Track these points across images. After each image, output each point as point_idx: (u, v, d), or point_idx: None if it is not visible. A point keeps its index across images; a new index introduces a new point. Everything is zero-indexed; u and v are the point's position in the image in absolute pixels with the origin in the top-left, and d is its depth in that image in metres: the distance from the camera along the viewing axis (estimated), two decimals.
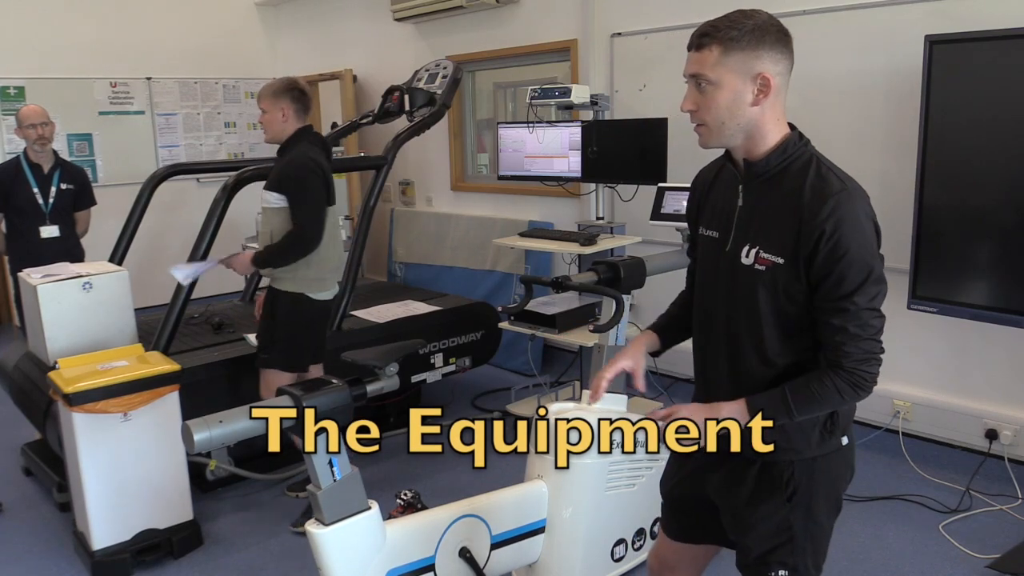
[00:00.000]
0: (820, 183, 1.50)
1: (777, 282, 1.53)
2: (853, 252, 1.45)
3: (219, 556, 3.11)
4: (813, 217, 1.46)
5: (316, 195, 3.10)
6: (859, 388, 1.50)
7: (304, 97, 3.19)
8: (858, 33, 3.64)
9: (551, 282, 3.07)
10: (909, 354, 3.70)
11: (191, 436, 1.75)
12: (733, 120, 1.52)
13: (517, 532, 2.40)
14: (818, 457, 1.61)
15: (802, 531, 1.63)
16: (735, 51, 1.48)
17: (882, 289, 1.48)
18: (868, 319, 1.47)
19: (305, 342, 3.25)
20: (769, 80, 1.50)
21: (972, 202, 3.11)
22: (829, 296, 1.48)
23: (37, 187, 4.33)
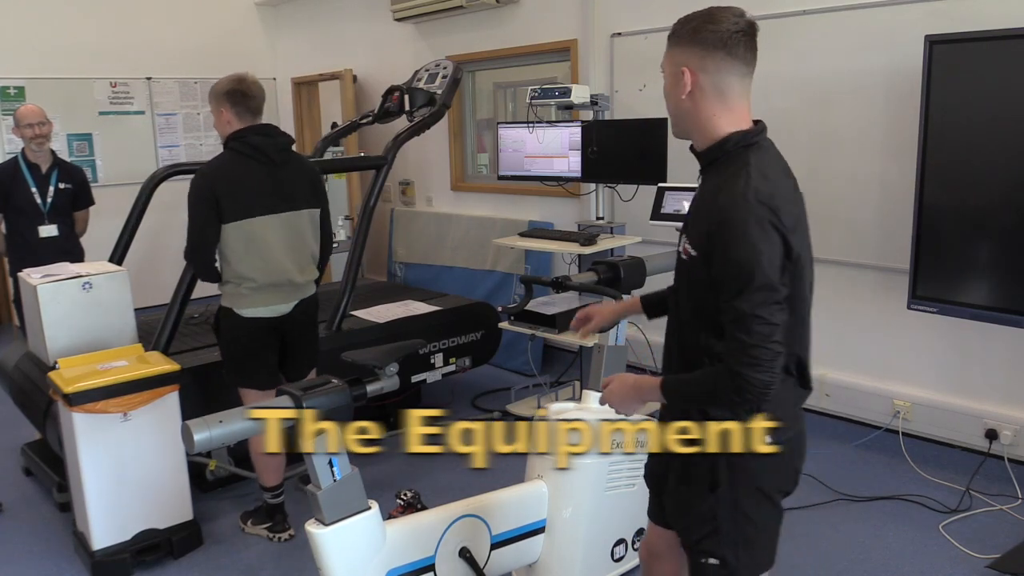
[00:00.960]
0: (728, 185, 1.52)
1: (693, 273, 1.60)
2: (736, 257, 1.47)
3: (219, 556, 3.11)
4: (710, 217, 1.53)
5: (194, 210, 2.90)
6: (742, 391, 1.48)
7: (246, 99, 2.95)
8: (858, 33, 3.64)
9: (551, 282, 3.07)
10: (909, 354, 3.70)
11: (191, 436, 1.75)
12: (673, 109, 1.66)
13: (517, 532, 2.40)
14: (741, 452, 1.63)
15: (728, 523, 1.65)
16: (671, 46, 1.63)
17: (770, 297, 1.47)
18: (752, 325, 1.46)
19: (240, 359, 3.04)
20: (685, 74, 1.59)
21: (972, 202, 3.11)
22: (721, 296, 1.51)
23: (35, 187, 4.33)
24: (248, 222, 2.90)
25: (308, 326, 3.17)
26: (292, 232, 3.01)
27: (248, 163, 2.93)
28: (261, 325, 3.00)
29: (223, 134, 3.00)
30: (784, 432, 1.64)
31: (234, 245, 2.91)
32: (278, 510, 3.20)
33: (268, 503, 3.19)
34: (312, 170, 3.15)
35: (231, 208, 2.88)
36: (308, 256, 3.10)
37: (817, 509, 3.30)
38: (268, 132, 2.99)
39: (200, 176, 2.92)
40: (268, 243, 2.94)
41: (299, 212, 3.03)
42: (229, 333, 3.04)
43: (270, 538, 3.17)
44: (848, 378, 3.90)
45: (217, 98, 2.97)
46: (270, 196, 2.95)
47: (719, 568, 1.68)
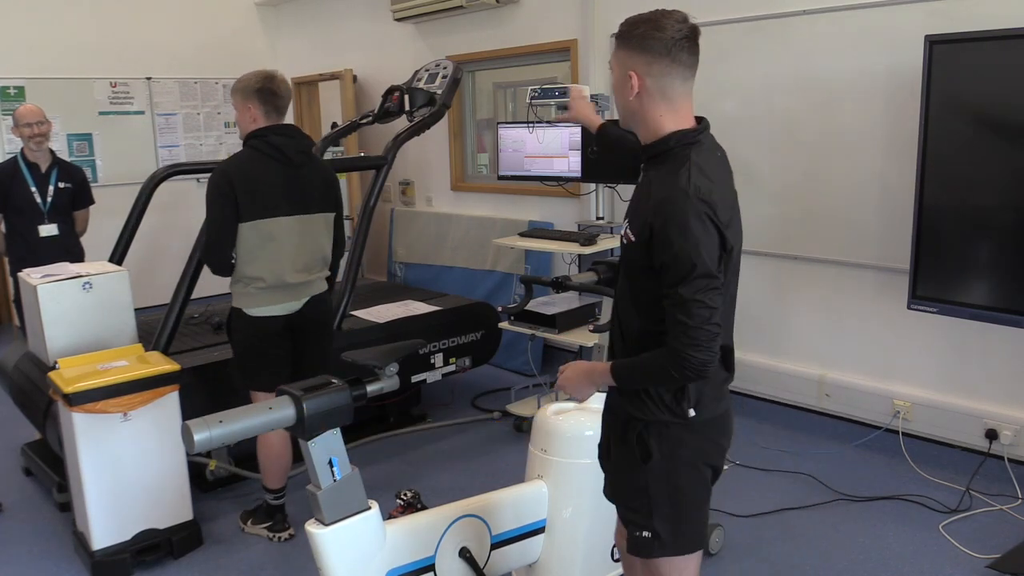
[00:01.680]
0: (670, 181, 1.63)
1: (632, 257, 1.71)
2: (676, 248, 1.58)
3: (219, 556, 3.11)
4: (650, 211, 1.63)
5: (211, 208, 2.89)
6: (685, 368, 1.60)
7: (275, 98, 2.95)
8: (858, 33, 3.64)
9: (551, 282, 3.07)
10: (909, 354, 3.70)
11: (191, 436, 1.75)
12: (620, 106, 1.74)
13: (517, 532, 2.41)
14: (670, 424, 1.74)
15: (659, 495, 1.75)
16: (619, 47, 1.71)
17: (709, 283, 1.59)
18: (693, 308, 1.58)
19: (250, 360, 3.04)
20: (633, 78, 1.67)
21: (972, 202, 3.11)
22: (663, 283, 1.62)
23: (35, 186, 4.34)
24: (264, 222, 2.89)
25: (320, 323, 3.14)
26: (305, 235, 2.99)
27: (267, 163, 2.91)
28: (272, 324, 2.99)
29: (245, 131, 2.97)
30: (709, 408, 1.75)
31: (248, 244, 2.90)
32: (278, 510, 3.19)
33: (269, 504, 3.19)
34: (330, 174, 3.13)
35: (249, 207, 2.86)
36: (319, 258, 3.09)
37: (817, 509, 3.30)
38: (289, 133, 2.98)
39: (220, 173, 2.89)
40: (281, 245, 2.93)
41: (313, 216, 3.01)
42: (239, 334, 3.03)
43: (270, 538, 3.16)
44: (848, 378, 3.90)
45: (245, 94, 2.94)
46: (286, 198, 2.93)
47: (651, 540, 1.78)
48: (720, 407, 1.80)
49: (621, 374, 1.74)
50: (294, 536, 3.17)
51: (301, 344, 3.10)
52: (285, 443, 3.12)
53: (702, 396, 1.74)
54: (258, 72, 3.00)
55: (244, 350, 3.05)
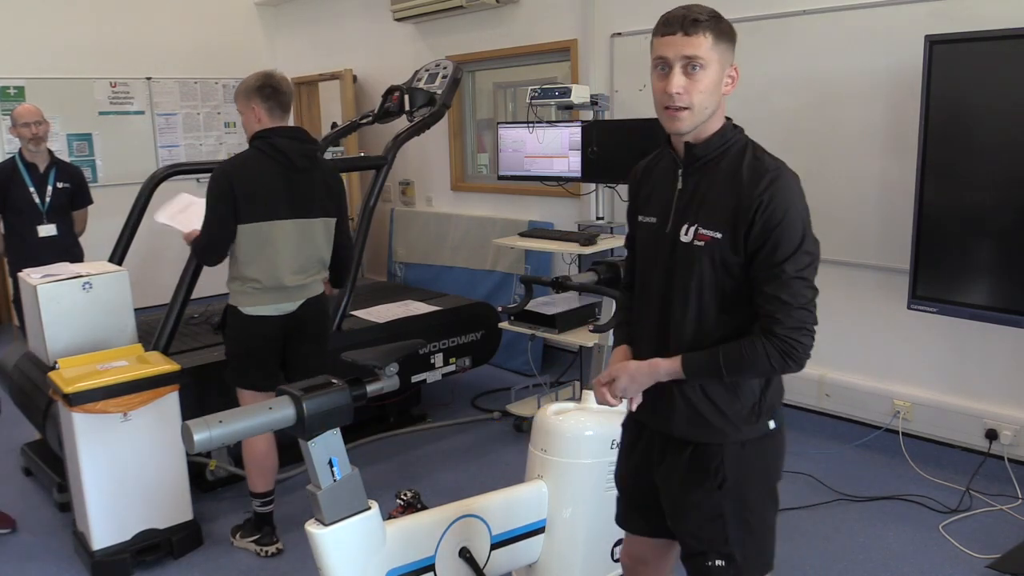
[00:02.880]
0: (757, 163, 1.62)
1: (715, 255, 1.62)
2: (787, 220, 1.54)
3: (219, 556, 3.11)
4: (751, 191, 1.57)
5: (212, 207, 2.87)
6: (788, 357, 1.55)
7: (277, 94, 2.92)
8: (858, 33, 3.64)
9: (551, 282, 3.07)
10: (909, 354, 3.70)
11: (191, 436, 1.74)
12: (711, 105, 1.62)
13: (517, 532, 2.40)
14: (747, 442, 1.66)
15: (735, 519, 1.67)
16: (722, 41, 1.61)
17: (813, 262, 1.56)
18: (799, 288, 1.54)
19: (240, 358, 3.02)
20: (737, 72, 1.65)
21: (972, 202, 3.11)
22: (763, 264, 1.57)
23: (33, 186, 4.34)
24: (262, 225, 2.88)
25: (315, 325, 3.11)
26: (303, 240, 2.97)
27: (269, 164, 2.89)
28: (266, 324, 2.97)
29: (251, 133, 2.95)
30: (780, 415, 1.69)
31: (245, 246, 2.89)
32: (266, 521, 3.12)
33: (256, 512, 3.11)
34: (334, 178, 3.09)
35: (247, 209, 2.85)
36: (316, 262, 3.05)
37: (817, 509, 3.30)
38: (295, 135, 2.96)
39: (220, 173, 2.87)
40: (278, 248, 2.91)
41: (313, 220, 2.98)
42: (233, 331, 3.02)
43: (258, 552, 3.09)
44: (848, 378, 3.90)
45: (247, 94, 2.92)
46: (287, 201, 2.91)
47: (725, 568, 1.68)
48: (782, 410, 1.73)
49: (695, 367, 1.63)
50: (283, 551, 3.11)
51: (295, 346, 3.07)
52: (269, 443, 3.07)
53: (775, 403, 1.68)
54: (257, 73, 2.98)
55: (236, 348, 3.04)
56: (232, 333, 3.03)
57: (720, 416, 1.66)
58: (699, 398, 1.68)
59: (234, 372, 3.05)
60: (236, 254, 2.92)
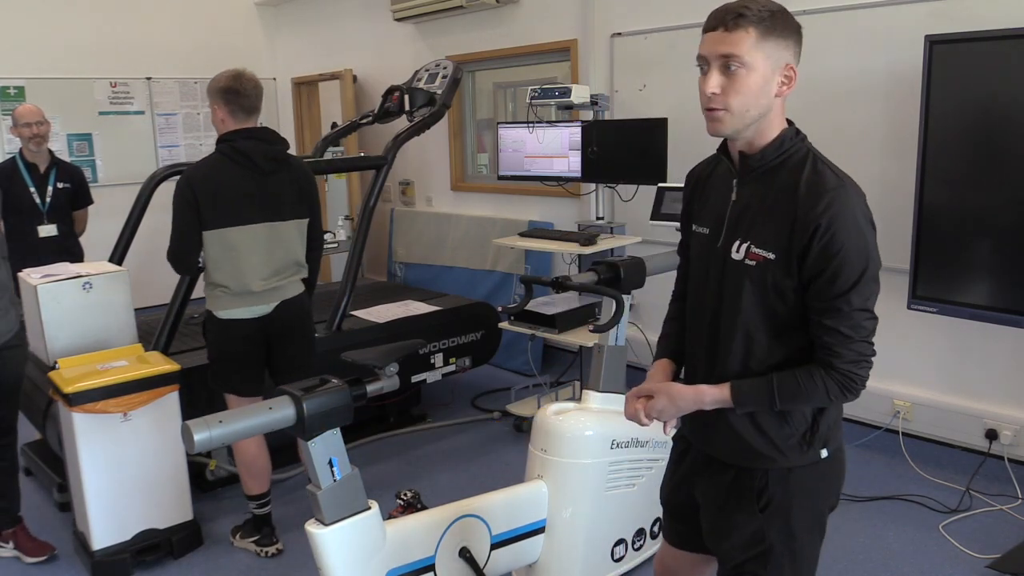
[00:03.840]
0: (816, 178, 1.47)
1: (767, 278, 1.50)
2: (848, 249, 1.41)
3: (219, 556, 3.11)
4: (808, 212, 1.43)
5: (175, 214, 2.84)
6: (848, 390, 1.47)
7: (239, 98, 2.85)
8: (858, 33, 3.64)
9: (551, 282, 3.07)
10: (909, 354, 3.70)
11: (191, 436, 1.75)
12: (757, 108, 1.49)
13: (517, 532, 2.40)
14: (795, 468, 1.56)
15: (779, 545, 1.58)
16: (772, 37, 1.47)
17: (876, 290, 1.45)
18: (860, 320, 1.44)
19: (220, 362, 3.00)
20: (795, 72, 1.51)
21: (972, 202, 3.11)
22: (822, 295, 1.45)
23: (34, 187, 4.34)
24: (227, 231, 2.84)
25: (295, 328, 3.05)
26: (274, 243, 2.92)
27: (233, 169, 2.84)
28: (240, 328, 2.93)
29: (218, 132, 2.93)
30: (836, 442, 1.59)
31: (211, 253, 2.87)
32: (265, 522, 3.11)
33: (254, 514, 3.11)
34: (303, 178, 3.01)
35: (212, 215, 2.82)
36: (291, 264, 3.00)
37: None
38: (260, 136, 2.90)
39: (183, 179, 2.84)
40: (244, 254, 2.87)
41: (285, 223, 2.94)
42: (211, 336, 3.00)
43: (258, 552, 3.09)
44: None
45: (212, 95, 2.90)
46: (253, 205, 2.86)
47: None
48: (840, 437, 1.62)
49: (745, 397, 1.51)
50: (282, 551, 3.11)
51: (279, 348, 3.04)
52: (259, 445, 3.05)
53: (831, 430, 1.57)
54: (227, 71, 2.93)
55: (215, 353, 3.01)
56: (211, 337, 3.01)
57: (766, 442, 1.56)
58: (744, 424, 1.57)
59: (215, 376, 3.03)
60: (205, 260, 2.91)
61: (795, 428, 1.55)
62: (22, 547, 3.07)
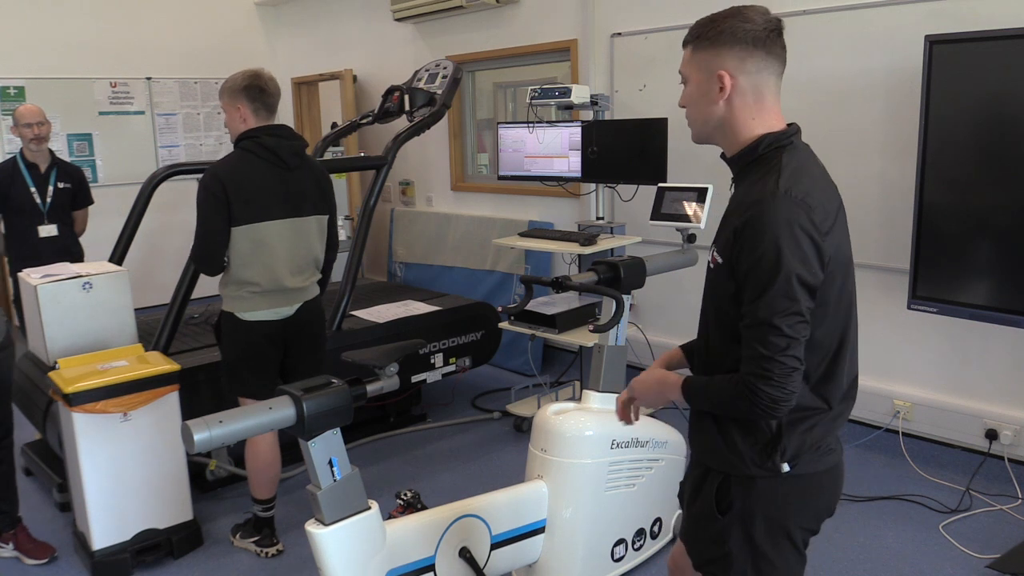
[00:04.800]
0: (755, 187, 1.47)
1: (718, 282, 1.53)
2: (760, 258, 1.39)
3: (219, 556, 3.11)
4: (737, 219, 1.46)
5: (203, 213, 2.81)
6: (754, 404, 1.41)
7: (264, 95, 2.87)
8: (858, 33, 3.64)
9: (551, 282, 3.07)
10: (909, 354, 3.70)
11: (191, 436, 1.75)
12: (702, 116, 1.56)
13: (517, 532, 2.41)
14: (756, 478, 1.54)
15: (740, 553, 1.56)
16: (700, 49, 1.53)
17: (790, 307, 1.38)
18: (767, 335, 1.39)
19: (239, 365, 2.97)
20: (724, 78, 1.50)
21: (972, 202, 3.11)
22: (744, 299, 1.45)
23: (34, 187, 4.34)
24: (257, 227, 2.82)
25: (312, 329, 3.07)
26: (298, 239, 2.93)
27: (260, 165, 2.84)
28: (263, 330, 2.93)
29: (235, 132, 2.90)
30: (810, 462, 1.55)
31: (241, 249, 2.84)
32: (267, 524, 3.11)
33: (257, 516, 3.12)
34: (323, 175, 3.05)
35: (241, 211, 2.79)
36: (311, 262, 3.02)
37: None
38: (282, 133, 2.90)
39: (210, 176, 2.81)
40: (274, 249, 2.86)
41: (307, 218, 2.95)
42: (229, 338, 2.97)
43: (258, 553, 3.09)
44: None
45: (232, 94, 2.87)
46: (279, 201, 2.87)
47: None
48: (827, 461, 1.58)
49: (692, 392, 1.56)
50: (283, 552, 3.11)
51: (293, 351, 3.03)
52: (274, 451, 3.05)
53: (803, 446, 1.53)
54: (245, 71, 2.92)
55: (234, 355, 2.98)
56: (228, 340, 2.98)
57: (729, 447, 1.56)
58: (709, 425, 1.59)
59: (232, 379, 3.01)
60: (231, 257, 2.87)
61: (757, 438, 1.53)
62: (23, 549, 3.07)
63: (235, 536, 3.19)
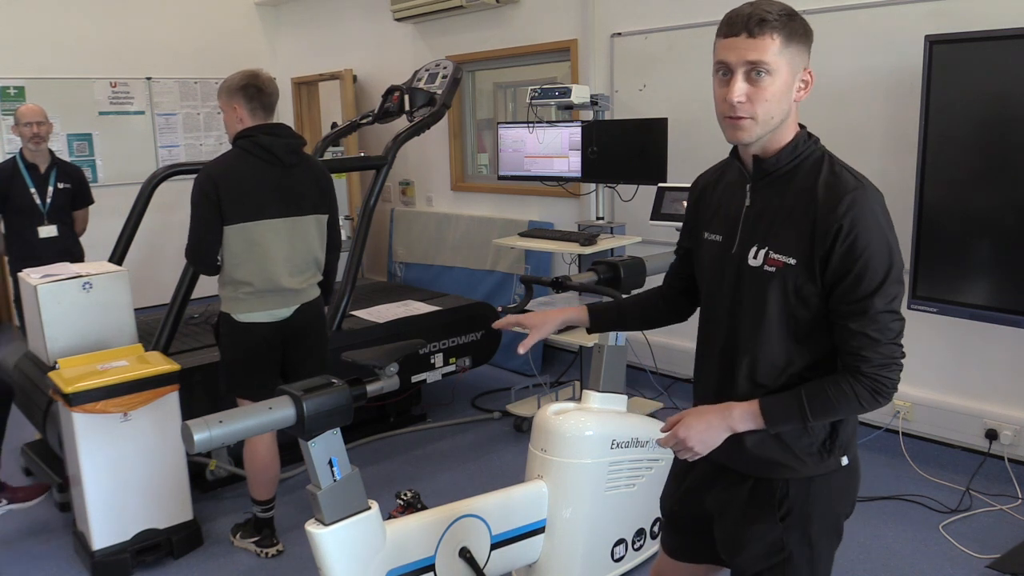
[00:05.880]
0: (835, 180, 1.46)
1: (788, 283, 1.47)
2: (871, 251, 1.40)
3: (219, 556, 3.11)
4: (829, 215, 1.41)
5: (195, 211, 2.80)
6: (879, 395, 1.44)
7: (261, 95, 2.86)
8: (858, 33, 3.64)
9: (551, 282, 3.07)
10: (909, 354, 3.65)
11: (191, 436, 1.75)
12: (780, 114, 1.47)
13: (517, 532, 2.40)
14: (815, 477, 1.54)
15: (799, 553, 1.55)
16: (793, 42, 1.44)
17: (900, 291, 1.43)
18: (887, 322, 1.42)
19: (237, 366, 2.96)
20: (811, 76, 1.49)
21: (972, 202, 3.11)
22: (846, 298, 1.42)
23: (34, 187, 4.34)
24: (250, 225, 2.81)
25: (311, 332, 3.05)
26: (296, 238, 2.91)
27: (255, 163, 2.83)
28: (260, 331, 2.91)
29: (233, 132, 2.90)
30: (855, 449, 1.57)
31: (234, 248, 2.83)
32: (267, 524, 3.11)
33: (257, 516, 3.11)
34: (323, 173, 3.02)
35: (234, 210, 2.78)
36: (311, 262, 3.00)
37: None
38: (279, 132, 2.88)
39: (204, 175, 2.80)
40: (269, 249, 2.85)
41: (305, 217, 2.93)
42: (227, 339, 2.96)
43: (258, 553, 3.09)
44: None
45: (230, 93, 2.87)
46: (276, 200, 2.85)
47: None
48: (857, 444, 1.60)
49: (776, 413, 1.47)
50: (283, 552, 3.11)
51: (292, 353, 3.02)
52: (273, 452, 3.04)
53: (851, 436, 1.54)
54: (242, 71, 2.92)
55: (232, 356, 2.97)
56: (226, 341, 2.97)
57: (787, 453, 1.52)
58: (764, 434, 1.52)
59: (230, 380, 3.00)
60: (225, 257, 2.85)
61: (815, 437, 1.52)
62: (15, 499, 3.09)
63: (235, 536, 3.19)
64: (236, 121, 2.89)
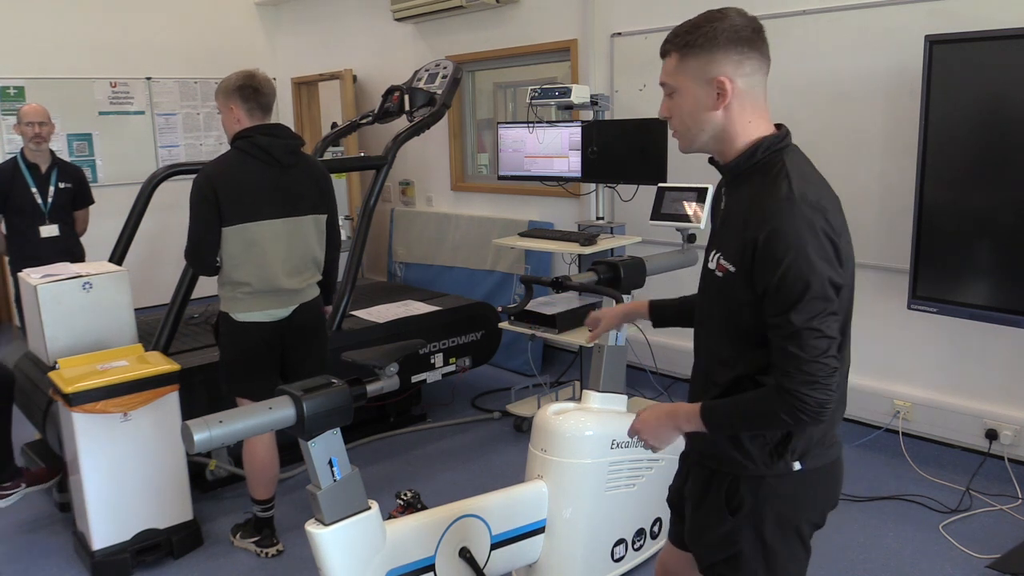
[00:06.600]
0: (766, 191, 1.45)
1: (729, 290, 1.50)
2: (787, 265, 1.37)
3: (219, 556, 3.11)
4: (750, 226, 1.43)
5: (193, 212, 2.80)
6: (800, 412, 1.39)
7: (258, 95, 2.86)
8: (858, 33, 3.64)
9: (551, 282, 3.07)
10: (909, 354, 3.70)
11: (191, 436, 1.75)
12: (698, 126, 1.53)
13: (517, 532, 2.41)
14: (765, 477, 1.54)
15: (750, 551, 1.56)
16: (690, 56, 1.49)
17: (826, 308, 1.39)
18: (808, 339, 1.38)
19: (236, 366, 2.95)
20: (725, 84, 1.47)
21: (972, 202, 3.11)
22: (769, 311, 1.42)
23: (35, 187, 4.34)
24: (248, 226, 2.81)
25: (310, 332, 3.05)
26: (294, 238, 2.91)
27: (253, 164, 2.83)
28: (259, 331, 2.91)
29: (231, 132, 2.90)
30: (817, 457, 1.55)
31: (232, 249, 2.83)
32: (266, 524, 3.11)
33: (257, 516, 3.12)
34: (321, 173, 3.02)
35: (232, 211, 2.78)
36: (310, 262, 3.00)
37: None
38: (277, 132, 2.88)
39: (202, 176, 2.81)
40: (267, 249, 2.84)
41: (303, 218, 2.93)
42: (226, 338, 2.96)
43: (258, 553, 3.09)
44: (848, 378, 3.89)
45: (227, 94, 2.87)
46: (273, 200, 2.85)
47: None
48: (830, 454, 1.58)
49: (715, 417, 1.50)
50: (283, 552, 3.11)
51: (292, 353, 3.02)
52: (272, 452, 3.04)
53: (811, 443, 1.53)
54: (239, 72, 2.92)
55: (231, 356, 2.97)
56: (225, 340, 2.97)
57: (738, 449, 1.55)
58: None
59: (230, 379, 3.00)
60: (224, 258, 2.86)
61: (768, 439, 1.53)
62: (33, 481, 3.21)
63: (235, 536, 3.19)
64: (234, 122, 2.89)
